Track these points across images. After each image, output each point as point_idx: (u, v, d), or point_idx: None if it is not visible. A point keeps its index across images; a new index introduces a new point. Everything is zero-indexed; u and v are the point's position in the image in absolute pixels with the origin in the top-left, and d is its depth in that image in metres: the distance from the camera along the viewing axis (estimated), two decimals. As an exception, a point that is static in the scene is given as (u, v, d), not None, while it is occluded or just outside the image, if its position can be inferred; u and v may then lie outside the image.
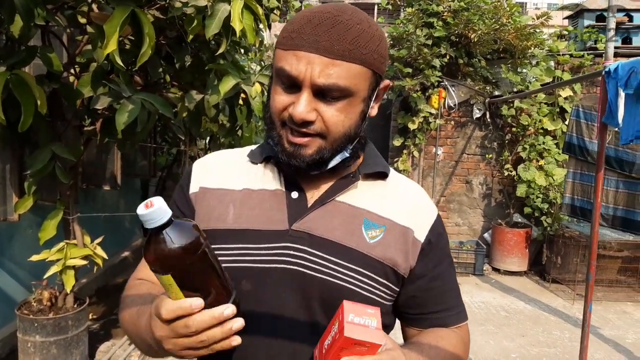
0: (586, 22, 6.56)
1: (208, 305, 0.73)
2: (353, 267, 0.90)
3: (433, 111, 6.44)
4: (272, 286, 0.90)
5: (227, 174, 1.01)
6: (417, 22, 6.22)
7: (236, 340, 0.77)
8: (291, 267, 0.90)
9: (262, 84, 2.85)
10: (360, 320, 0.74)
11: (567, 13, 7.41)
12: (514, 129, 6.40)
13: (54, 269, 2.85)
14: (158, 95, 2.58)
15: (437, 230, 1.00)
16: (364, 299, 0.90)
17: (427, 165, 6.83)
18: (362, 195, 0.97)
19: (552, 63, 6.37)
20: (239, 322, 0.76)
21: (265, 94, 2.92)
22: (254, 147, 1.05)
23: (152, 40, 2.06)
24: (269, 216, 0.94)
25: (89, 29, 2.42)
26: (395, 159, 6.69)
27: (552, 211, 6.05)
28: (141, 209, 0.69)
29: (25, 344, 2.98)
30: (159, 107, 2.48)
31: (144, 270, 1.03)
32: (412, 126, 6.44)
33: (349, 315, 0.74)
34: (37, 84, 2.27)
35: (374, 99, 0.92)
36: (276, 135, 0.90)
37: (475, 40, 6.08)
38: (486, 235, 6.76)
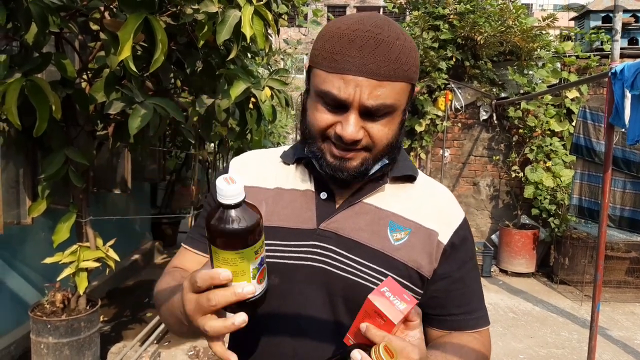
0: (592, 24, 6.56)
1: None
2: (377, 267, 0.92)
3: (440, 113, 6.46)
4: (299, 282, 0.93)
5: (261, 172, 1.04)
6: (423, 25, 6.24)
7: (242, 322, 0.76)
8: (318, 264, 0.93)
9: (271, 88, 2.88)
10: (391, 296, 0.76)
11: (573, 14, 7.41)
12: (520, 131, 6.40)
13: (67, 271, 2.89)
14: (169, 100, 2.62)
15: (462, 233, 1.00)
16: None
17: (434, 167, 6.85)
18: (389, 197, 0.99)
19: (558, 65, 6.37)
20: (241, 318, 0.73)
21: (276, 98, 2.96)
22: (286, 148, 1.08)
23: (164, 46, 2.10)
24: (298, 215, 0.97)
25: (102, 35, 2.46)
26: (402, 161, 6.71)
27: (560, 212, 6.04)
28: (223, 184, 0.71)
29: (38, 346, 3.03)
30: (171, 112, 2.52)
31: (180, 258, 1.07)
32: (419, 128, 6.47)
33: (385, 287, 0.77)
34: (52, 90, 2.31)
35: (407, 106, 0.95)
36: (318, 150, 0.92)
37: (482, 42, 6.10)
38: (494, 236, 6.77)
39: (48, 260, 2.92)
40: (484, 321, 1.02)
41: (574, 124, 6.02)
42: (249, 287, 0.73)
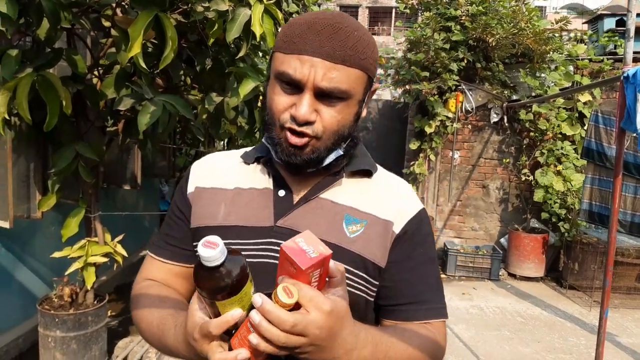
0: (606, 27, 6.50)
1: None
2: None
3: (450, 115, 6.44)
4: (258, 280, 0.93)
5: (221, 174, 1.06)
6: (434, 26, 6.22)
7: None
8: (274, 261, 0.92)
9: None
10: (304, 245, 0.76)
11: (587, 17, 7.35)
12: (531, 134, 6.36)
13: (75, 266, 2.91)
14: (179, 97, 2.64)
15: (416, 223, 1.01)
16: (348, 295, 0.92)
17: (443, 169, 6.82)
18: (346, 192, 1.00)
19: (571, 67, 6.32)
20: (242, 355, 0.77)
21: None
22: (248, 148, 1.11)
23: (174, 43, 2.11)
24: (256, 213, 0.99)
25: (113, 32, 2.48)
26: (412, 163, 6.69)
27: (570, 217, 6.00)
28: (206, 251, 0.74)
29: (45, 339, 3.05)
30: (180, 109, 2.53)
31: (148, 269, 1.09)
32: (428, 130, 6.44)
33: (300, 238, 0.77)
34: (62, 85, 2.33)
35: (365, 101, 0.97)
36: (276, 136, 0.94)
37: (494, 44, 6.06)
38: (502, 240, 6.73)
39: (57, 254, 2.94)
40: (436, 313, 1.00)
41: (585, 127, 5.97)
42: (244, 353, 0.76)
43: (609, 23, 6.49)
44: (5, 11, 1.91)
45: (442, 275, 6.39)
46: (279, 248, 0.89)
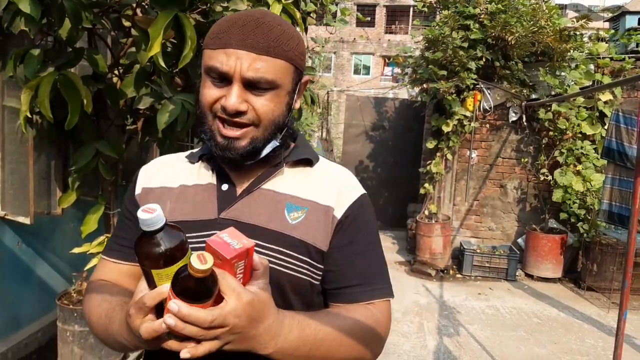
0: (627, 25, 6.40)
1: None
2: (276, 247, 0.96)
3: (468, 114, 6.39)
4: None
5: (167, 174, 1.10)
6: (453, 25, 6.18)
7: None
8: None
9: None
10: (228, 239, 0.80)
11: (608, 15, 7.24)
12: (551, 133, 6.29)
13: (94, 262, 2.96)
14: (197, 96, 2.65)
15: (356, 207, 1.04)
16: (292, 279, 0.97)
17: (460, 168, 6.78)
18: (288, 181, 1.04)
19: (591, 66, 6.24)
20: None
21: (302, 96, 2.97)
22: (194, 150, 1.15)
23: (193, 43, 2.13)
24: (199, 208, 1.02)
25: (133, 32, 2.51)
26: (429, 162, 6.66)
27: (589, 217, 5.92)
28: (144, 214, 0.78)
29: (64, 333, 3.11)
30: (198, 108, 2.55)
31: (101, 270, 1.11)
32: (446, 129, 6.40)
33: (224, 234, 0.81)
34: (83, 85, 2.37)
35: (297, 93, 1.01)
36: (208, 129, 0.97)
37: (513, 42, 6.00)
38: (520, 240, 6.67)
39: (76, 250, 2.99)
40: (380, 293, 1.04)
41: (606, 127, 5.89)
42: (171, 319, 0.77)
43: (631, 21, 6.39)
44: (28, 12, 1.94)
45: (458, 275, 6.36)
46: None
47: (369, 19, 25.70)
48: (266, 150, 1.00)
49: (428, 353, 4.12)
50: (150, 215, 0.78)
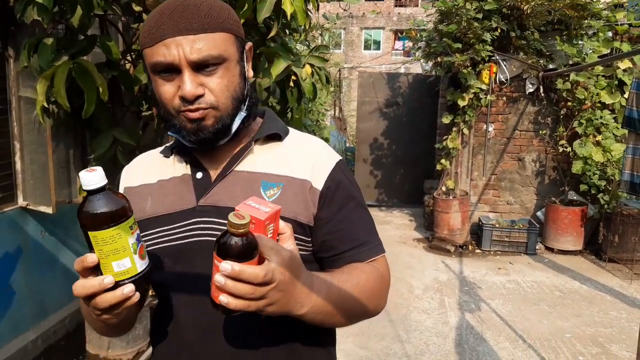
0: (648, -11, 6.21)
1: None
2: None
3: (484, 87, 6.28)
4: (190, 260, 0.99)
5: (145, 171, 1.12)
6: (466, -4, 6.04)
7: (135, 296, 0.84)
8: (203, 238, 0.98)
9: (312, 66, 2.85)
10: (255, 205, 0.83)
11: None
12: (569, 104, 6.17)
13: (117, 248, 2.98)
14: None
15: (336, 175, 1.05)
16: None
17: (477, 142, 6.70)
18: (259, 159, 1.04)
19: (609, 34, 6.08)
20: (129, 287, 0.83)
21: (316, 75, 2.94)
22: (168, 144, 1.14)
23: (206, 26, 2.10)
24: (179, 199, 1.03)
25: (145, 16, 2.48)
26: (444, 137, 6.59)
27: (610, 188, 5.83)
28: (84, 173, 0.80)
29: (92, 319, 3.15)
30: (213, 92, 2.53)
31: None
32: (461, 103, 6.30)
33: (249, 201, 0.84)
34: (98, 72, 2.36)
35: (245, 60, 1.01)
36: (176, 123, 0.97)
37: (528, 12, 5.86)
38: (539, 213, 6.60)
39: (98, 237, 3.02)
40: (376, 250, 1.07)
41: (626, 95, 5.76)
42: (109, 278, 0.81)
43: (651, -15, 6.19)
44: (41, 1, 1.93)
45: (477, 251, 6.34)
46: (204, 225, 0.99)
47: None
48: (236, 124, 1.00)
49: (450, 329, 4.13)
50: (91, 174, 0.79)
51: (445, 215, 6.32)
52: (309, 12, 2.89)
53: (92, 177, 0.79)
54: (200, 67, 0.92)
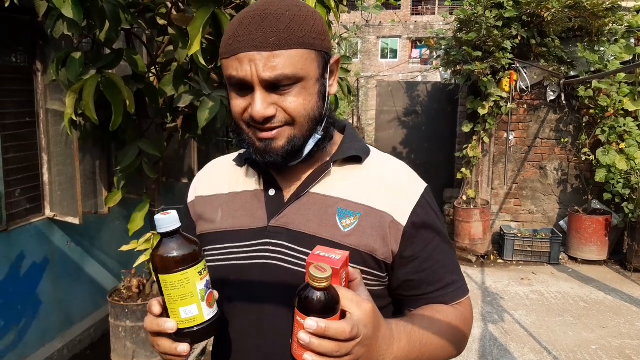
0: (672, -5, 6.13)
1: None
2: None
3: (504, 95, 6.23)
4: (255, 281, 0.95)
5: (218, 180, 1.09)
6: (486, 4, 6.02)
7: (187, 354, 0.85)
8: (271, 261, 0.94)
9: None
10: (324, 254, 0.79)
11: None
12: (591, 111, 6.09)
13: (142, 258, 3.02)
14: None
15: (422, 209, 0.97)
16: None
17: (498, 151, 6.65)
18: (337, 183, 0.97)
19: (632, 40, 6.00)
20: (183, 347, 0.83)
21: (338, 86, 2.94)
22: (242, 151, 1.08)
23: (232, 39, 2.13)
24: (250, 216, 0.99)
25: (170, 30, 2.52)
26: (464, 146, 6.55)
27: (634, 197, 5.73)
28: (159, 216, 0.81)
29: (116, 329, 3.19)
30: (237, 103, 2.56)
31: None
32: (482, 111, 6.26)
33: (317, 251, 0.80)
34: (125, 85, 2.40)
35: (328, 76, 0.94)
36: (246, 137, 0.93)
37: (549, 19, 5.81)
38: (562, 222, 6.51)
39: (124, 248, 3.06)
40: (461, 292, 1.01)
41: (650, 102, 5.68)
42: (170, 324, 0.81)
43: (675, -10, 6.11)
44: (71, 16, 1.97)
45: (499, 261, 6.27)
46: (273, 248, 0.95)
47: (399, 2, 25.35)
48: (308, 147, 0.93)
49: (474, 340, 4.08)
50: (162, 217, 0.80)
51: (466, 225, 6.26)
52: (331, 23, 2.91)
53: (166, 220, 0.80)
54: (274, 86, 0.86)
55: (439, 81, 8.62)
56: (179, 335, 0.82)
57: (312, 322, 0.72)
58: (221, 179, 1.08)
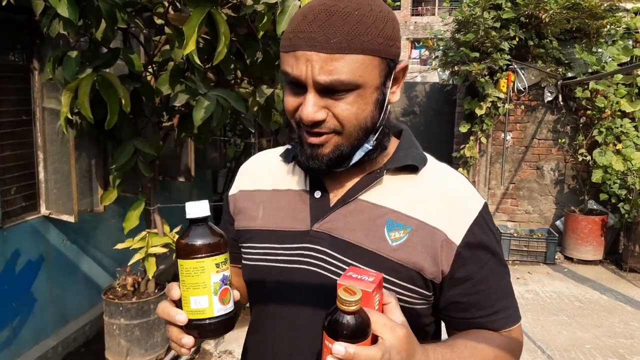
0: (669, -4, 6.14)
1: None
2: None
3: (501, 95, 6.25)
4: (293, 286, 0.91)
5: (261, 175, 1.04)
6: (484, 5, 6.03)
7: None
8: (311, 268, 0.90)
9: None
10: (357, 276, 0.75)
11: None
12: (588, 112, 6.10)
13: (137, 257, 3.03)
14: (231, 91, 2.67)
15: (479, 228, 0.90)
16: None
17: (495, 151, 6.66)
18: (388, 192, 0.91)
19: (630, 41, 6.02)
20: (188, 339, 0.81)
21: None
22: (289, 146, 1.03)
23: (227, 39, 2.14)
24: (292, 217, 0.95)
25: (167, 29, 2.53)
26: (462, 146, 6.57)
27: (631, 197, 5.75)
28: (190, 203, 0.81)
29: (111, 327, 3.20)
30: (233, 103, 2.57)
31: None
32: (479, 112, 6.28)
33: (349, 272, 0.77)
34: (121, 84, 2.41)
35: (391, 84, 0.87)
36: (297, 136, 0.88)
37: (547, 20, 5.82)
38: (558, 222, 6.53)
39: (119, 246, 3.07)
40: (513, 319, 0.95)
41: (647, 104, 5.70)
42: (181, 316, 0.80)
43: (672, -8, 6.13)
44: (67, 15, 1.98)
45: (496, 260, 6.28)
46: (314, 254, 0.91)
47: (398, 3, 25.34)
48: (357, 157, 0.88)
49: (468, 339, 4.09)
50: (191, 204, 0.81)
51: (462, 225, 6.27)
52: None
53: (195, 207, 0.81)
54: (328, 90, 0.81)
55: (437, 82, 8.63)
56: (188, 326, 0.81)
57: (341, 348, 0.68)
58: (265, 173, 1.04)
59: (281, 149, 1.07)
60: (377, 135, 0.89)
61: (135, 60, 2.56)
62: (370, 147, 0.89)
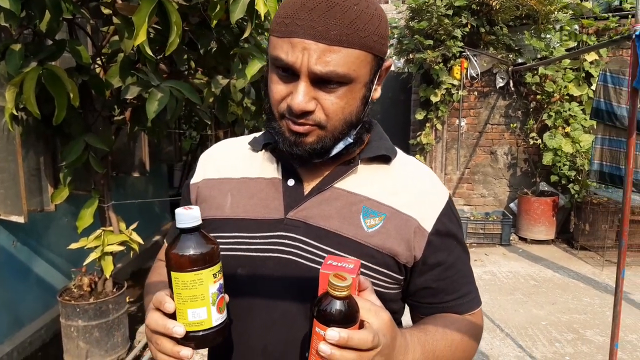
0: (611, -18, 6.36)
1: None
2: (348, 256, 0.86)
3: (455, 82, 6.36)
4: (267, 275, 0.90)
5: (228, 163, 1.02)
6: (436, -8, 6.10)
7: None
8: (286, 256, 0.89)
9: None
10: (337, 263, 0.76)
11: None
12: (538, 97, 6.29)
13: (93, 256, 2.93)
14: (185, 82, 2.61)
15: (447, 217, 0.95)
16: None
17: (450, 137, 6.78)
18: (363, 181, 0.93)
19: (576, 27, 6.22)
20: (186, 352, 0.78)
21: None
22: (257, 134, 1.04)
23: (179, 29, 2.08)
24: (265, 205, 0.94)
25: (115, 20, 2.44)
26: (418, 133, 6.66)
27: (580, 178, 5.98)
28: (180, 210, 0.77)
29: (68, 329, 3.10)
30: (187, 94, 2.51)
31: (161, 252, 1.11)
32: (434, 99, 6.38)
33: (329, 261, 0.77)
34: (68, 77, 2.31)
35: (376, 81, 0.88)
36: (277, 125, 0.87)
37: (497, 7, 5.95)
38: (512, 205, 6.73)
39: (73, 245, 2.96)
40: (475, 303, 1.00)
41: (593, 87, 5.90)
42: (179, 328, 0.76)
43: (614, -22, 6.35)
44: (8, 7, 1.88)
45: (454, 244, 6.42)
46: (289, 242, 0.90)
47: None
48: (337, 149, 0.89)
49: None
50: (183, 212, 0.76)
51: (421, 210, 6.37)
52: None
53: (187, 216, 0.76)
54: (321, 81, 0.80)
55: (392, 70, 8.69)
56: (184, 338, 0.77)
57: (334, 333, 0.69)
58: (232, 162, 1.02)
59: (247, 138, 1.05)
60: (357, 129, 0.90)
61: (82, 52, 2.46)
62: (351, 140, 0.90)
